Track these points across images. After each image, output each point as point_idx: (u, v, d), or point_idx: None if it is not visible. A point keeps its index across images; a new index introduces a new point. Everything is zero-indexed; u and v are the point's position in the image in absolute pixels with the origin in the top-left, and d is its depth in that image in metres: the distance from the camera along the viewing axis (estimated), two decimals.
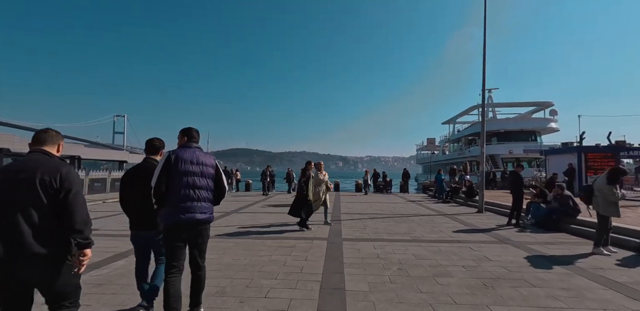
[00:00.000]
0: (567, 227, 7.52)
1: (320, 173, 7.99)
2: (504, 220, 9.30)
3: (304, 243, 6.11)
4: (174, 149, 2.88)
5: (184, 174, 2.73)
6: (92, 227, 2.12)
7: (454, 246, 5.99)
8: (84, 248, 2.00)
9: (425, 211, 11.39)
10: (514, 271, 4.47)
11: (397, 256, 5.20)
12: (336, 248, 5.79)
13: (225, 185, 2.99)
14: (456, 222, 8.97)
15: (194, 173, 2.77)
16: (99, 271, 4.44)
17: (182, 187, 2.72)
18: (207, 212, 2.80)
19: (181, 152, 2.81)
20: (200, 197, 2.76)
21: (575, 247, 5.97)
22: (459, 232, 7.37)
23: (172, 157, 2.75)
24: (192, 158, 2.80)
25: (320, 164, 8.18)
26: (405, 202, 14.60)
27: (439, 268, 4.58)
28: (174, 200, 2.70)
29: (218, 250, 5.59)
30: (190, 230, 2.72)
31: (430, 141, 26.13)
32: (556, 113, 29.56)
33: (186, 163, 2.76)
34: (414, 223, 8.68)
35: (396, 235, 6.95)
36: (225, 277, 4.18)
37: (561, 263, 4.88)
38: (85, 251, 2.01)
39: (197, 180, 2.77)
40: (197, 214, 2.71)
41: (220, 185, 2.95)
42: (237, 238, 6.54)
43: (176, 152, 2.81)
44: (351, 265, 4.74)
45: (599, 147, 16.08)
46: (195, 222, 2.71)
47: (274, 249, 5.68)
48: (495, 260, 5.03)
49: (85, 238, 1.99)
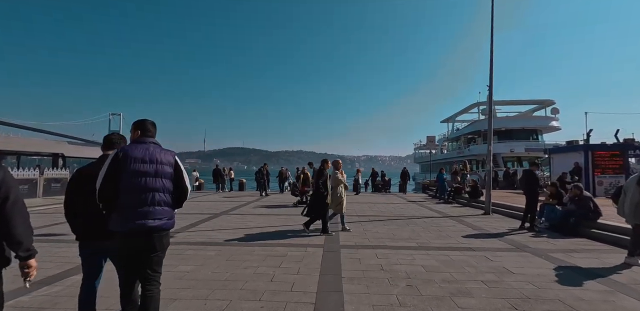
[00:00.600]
0: (586, 231, 6.84)
1: (338, 173, 7.30)
2: (514, 222, 8.64)
3: (296, 252, 5.38)
4: (123, 146, 2.53)
5: (134, 174, 2.35)
6: (57, 232, 1.56)
7: (466, 255, 5.28)
8: (27, 260, 1.92)
9: (428, 212, 10.69)
10: (545, 289, 3.76)
11: (404, 269, 4.49)
12: (333, 257, 5.06)
13: (186, 186, 2.57)
14: (463, 225, 8.28)
15: (146, 173, 2.38)
16: (48, 289, 3.68)
17: (132, 190, 2.34)
18: (164, 218, 2.41)
19: (131, 149, 2.41)
20: (155, 201, 2.38)
21: (602, 256, 5.28)
22: (469, 237, 6.67)
23: (120, 154, 2.36)
24: (144, 155, 2.40)
25: (338, 163, 7.51)
26: (406, 203, 13.91)
27: (455, 285, 3.87)
28: (123, 205, 2.32)
29: (197, 260, 4.85)
30: (142, 239, 2.34)
31: (430, 139, 25.41)
32: (558, 111, 28.95)
33: (136, 162, 2.37)
34: (417, 226, 7.97)
35: (400, 241, 6.23)
36: (198, 298, 3.44)
37: (595, 277, 4.18)
38: (28, 262, 1.93)
39: (150, 181, 2.38)
40: (149, 221, 2.33)
41: (181, 186, 2.54)
42: (222, 245, 5.79)
43: (125, 148, 2.42)
44: (351, 280, 4.02)
45: (606, 145, 15.45)
46: (147, 229, 2.32)
47: (262, 259, 4.95)
48: (518, 273, 4.32)
49: (27, 250, 1.91)
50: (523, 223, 7.64)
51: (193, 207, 11.90)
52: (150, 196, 2.36)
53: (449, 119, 38.26)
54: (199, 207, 11.67)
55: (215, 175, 19.72)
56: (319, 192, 6.91)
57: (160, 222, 2.38)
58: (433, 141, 26.07)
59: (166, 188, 2.44)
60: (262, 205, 12.59)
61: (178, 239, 6.30)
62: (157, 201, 2.38)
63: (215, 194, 17.97)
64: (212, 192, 19.47)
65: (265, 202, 13.54)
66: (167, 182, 2.45)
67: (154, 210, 2.35)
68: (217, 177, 19.67)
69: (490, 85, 10.61)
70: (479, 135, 30.80)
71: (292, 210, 11.11)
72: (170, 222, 2.46)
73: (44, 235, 6.39)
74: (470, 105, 33.51)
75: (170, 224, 2.46)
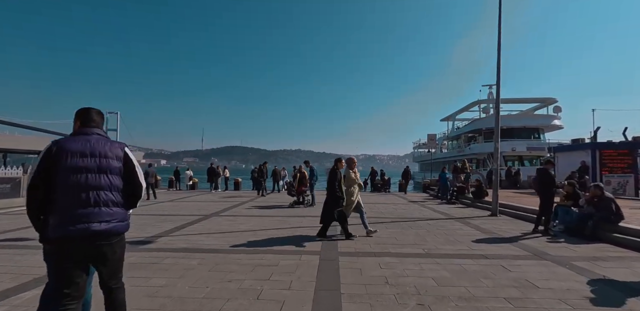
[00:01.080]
0: (607, 235, 6.27)
1: (352, 172, 6.72)
2: (524, 225, 8.08)
3: (289, 260, 4.78)
4: (59, 139, 2.18)
5: (72, 171, 2.06)
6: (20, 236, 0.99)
7: (481, 264, 4.68)
8: None
9: (431, 214, 10.10)
10: (581, 309, 3.18)
11: (412, 281, 3.89)
12: (331, 267, 4.46)
13: (140, 182, 2.28)
14: (470, 227, 7.70)
15: (87, 168, 2.09)
16: None
17: (70, 188, 2.05)
18: (113, 220, 2.13)
19: (69, 142, 2.11)
20: (99, 200, 2.09)
21: (634, 265, 4.70)
22: (480, 243, 6.08)
23: (53, 149, 2.06)
24: (84, 148, 2.11)
25: (353, 161, 6.87)
26: (407, 203, 13.32)
27: (475, 303, 3.27)
28: (60, 207, 2.03)
29: (176, 271, 4.24)
30: (86, 246, 2.05)
31: (431, 137, 24.80)
32: (560, 110, 28.43)
33: (74, 157, 2.07)
34: (422, 229, 7.38)
35: (405, 247, 5.64)
36: None
37: (635, 293, 3.60)
38: None
39: (92, 178, 2.09)
40: (93, 224, 2.04)
41: (133, 183, 2.25)
42: (206, 252, 5.17)
43: (61, 142, 2.11)
44: (352, 297, 3.42)
45: (614, 143, 14.91)
46: (90, 234, 2.03)
47: (249, 269, 4.34)
48: (544, 288, 3.73)
49: None
50: (536, 226, 7.06)
51: (183, 207, 11.29)
52: (94, 195, 2.07)
53: (449, 117, 37.71)
54: (189, 208, 11.06)
55: (209, 174, 19.11)
56: (336, 196, 6.22)
57: (107, 226, 2.09)
58: (434, 139, 25.47)
59: (114, 185, 2.16)
60: (256, 205, 11.97)
61: (158, 245, 5.70)
62: (103, 201, 2.10)
63: (209, 194, 17.34)
64: (206, 192, 18.84)
65: (260, 203, 12.92)
66: (115, 178, 2.18)
67: (99, 211, 2.07)
68: (211, 175, 19.06)
69: (497, 79, 10.01)
70: (479, 133, 30.26)
71: (288, 211, 10.50)
72: (121, 225, 2.17)
73: (8, 240, 5.79)
74: (470, 103, 32.97)
75: (121, 227, 2.17)
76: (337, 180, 6.27)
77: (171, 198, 14.26)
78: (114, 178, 2.16)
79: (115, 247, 2.14)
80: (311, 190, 11.85)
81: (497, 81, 10.00)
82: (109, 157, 2.15)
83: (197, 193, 17.45)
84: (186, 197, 15.31)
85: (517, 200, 11.99)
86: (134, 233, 6.60)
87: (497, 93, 10.22)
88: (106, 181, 2.13)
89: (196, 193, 17.44)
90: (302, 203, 11.67)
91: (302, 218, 8.74)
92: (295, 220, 8.55)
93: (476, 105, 32.72)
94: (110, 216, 2.11)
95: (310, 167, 12.18)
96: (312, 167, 12.13)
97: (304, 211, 10.45)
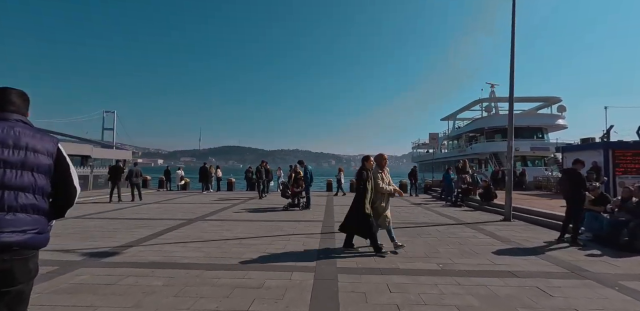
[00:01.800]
0: None
1: (382, 173, 5.44)
2: (543, 231, 7.26)
3: (277, 279, 3.90)
4: None
5: None
6: None
7: (510, 285, 3.82)
8: None
9: (438, 218, 9.24)
10: None
11: (430, 310, 3.03)
12: (328, 290, 3.58)
13: (75, 185, 1.81)
14: (485, 235, 6.84)
15: (6, 162, 1.61)
16: None
17: None
18: (30, 230, 1.63)
19: None
20: (14, 204, 1.61)
21: None
22: (502, 255, 5.22)
23: None
24: (5, 138, 1.63)
25: (383, 158, 5.51)
26: (410, 205, 12.46)
27: None
28: None
29: (132, 296, 3.35)
30: None
31: (433, 136, 23.91)
32: (564, 109, 27.67)
33: None
34: (431, 237, 6.52)
35: (415, 261, 4.77)
36: None
37: None
38: None
39: (10, 175, 1.61)
40: (2, 234, 1.53)
41: (65, 187, 1.78)
42: (177, 269, 4.28)
43: None
44: None
45: (628, 142, 14.13)
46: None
47: (225, 293, 3.46)
48: None
49: None
50: (562, 235, 6.21)
51: (167, 210, 10.36)
52: (11, 196, 1.62)
53: (450, 117, 36.91)
54: (173, 211, 10.13)
55: (201, 173, 18.18)
56: (363, 209, 5.09)
57: (21, 237, 1.62)
58: (435, 138, 24.61)
59: (38, 187, 1.71)
60: (247, 208, 11.06)
61: (123, 257, 4.79)
62: (21, 205, 1.65)
63: (200, 195, 16.43)
64: (197, 192, 17.92)
65: (252, 205, 12.01)
66: (42, 178, 1.73)
67: (12, 217, 1.62)
68: (203, 176, 18.13)
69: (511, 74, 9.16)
70: (481, 133, 29.49)
71: (282, 214, 9.61)
72: (39, 238, 1.69)
73: None
74: (472, 102, 32.18)
75: (39, 240, 1.69)
76: (362, 182, 5.13)
77: (157, 200, 13.32)
78: (40, 178, 1.71)
79: (27, 265, 1.64)
80: (307, 192, 10.96)
81: (510, 78, 9.16)
82: (37, 151, 1.71)
83: (186, 194, 16.52)
84: (174, 198, 14.39)
85: (527, 202, 11.17)
86: (100, 242, 5.71)
87: (511, 91, 9.34)
88: (29, 180, 1.68)
89: (186, 194, 16.52)
90: (297, 206, 10.79)
91: (296, 224, 7.87)
92: (289, 225, 7.67)
93: (477, 104, 31.94)
94: (26, 224, 1.64)
95: (305, 166, 11.29)
96: (306, 167, 11.23)
97: (298, 214, 9.57)
